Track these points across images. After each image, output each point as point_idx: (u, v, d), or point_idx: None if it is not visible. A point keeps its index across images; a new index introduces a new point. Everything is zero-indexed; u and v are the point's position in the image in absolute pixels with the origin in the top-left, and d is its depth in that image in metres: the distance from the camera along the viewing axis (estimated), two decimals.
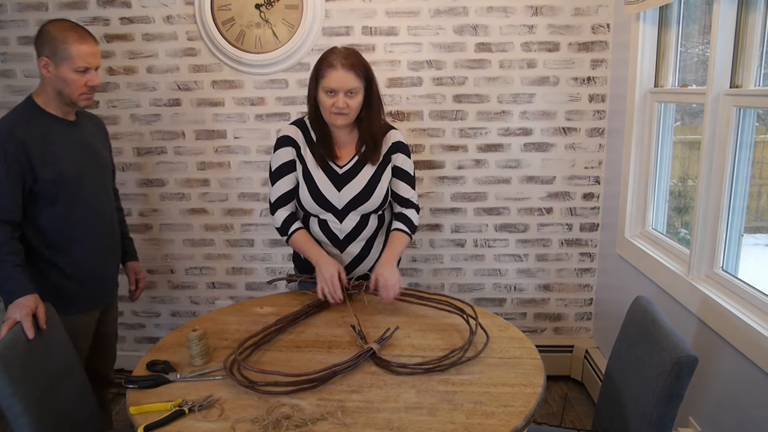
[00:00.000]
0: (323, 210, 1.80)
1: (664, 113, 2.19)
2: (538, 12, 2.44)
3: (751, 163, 1.70)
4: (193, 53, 2.55)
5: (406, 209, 1.88)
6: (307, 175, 1.79)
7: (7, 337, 1.37)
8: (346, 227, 1.82)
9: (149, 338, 2.91)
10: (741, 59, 1.67)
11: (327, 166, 1.80)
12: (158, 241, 2.77)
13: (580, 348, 2.73)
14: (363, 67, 1.70)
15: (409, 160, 1.88)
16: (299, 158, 1.81)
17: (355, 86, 1.68)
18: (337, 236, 1.83)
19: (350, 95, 1.68)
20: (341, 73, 1.65)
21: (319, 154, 1.78)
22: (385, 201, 1.84)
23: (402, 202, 1.89)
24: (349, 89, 1.67)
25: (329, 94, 1.68)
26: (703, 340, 1.76)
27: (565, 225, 2.67)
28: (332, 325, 1.66)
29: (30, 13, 2.53)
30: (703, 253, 1.82)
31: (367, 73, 1.71)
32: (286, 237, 1.83)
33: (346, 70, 1.65)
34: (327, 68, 1.66)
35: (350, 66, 1.66)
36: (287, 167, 1.81)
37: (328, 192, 1.78)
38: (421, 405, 1.24)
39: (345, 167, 1.80)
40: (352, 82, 1.66)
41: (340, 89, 1.66)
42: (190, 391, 1.32)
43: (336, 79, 1.65)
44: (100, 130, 1.94)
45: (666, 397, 1.28)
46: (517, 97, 2.54)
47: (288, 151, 1.81)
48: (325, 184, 1.78)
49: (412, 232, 1.86)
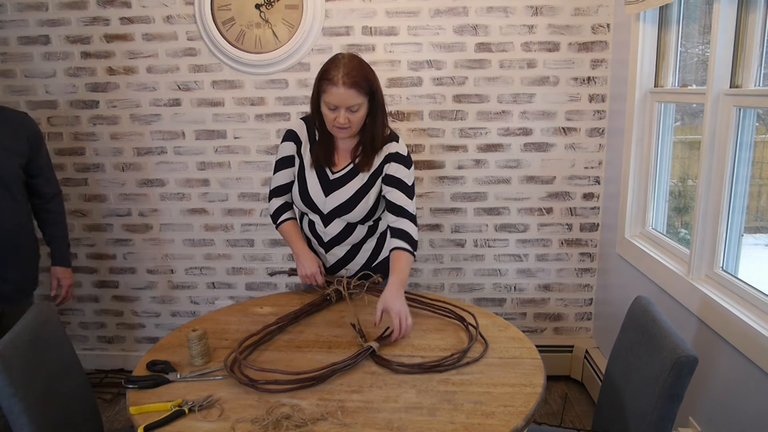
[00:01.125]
0: (310, 211, 1.83)
1: (664, 113, 2.19)
2: (538, 12, 2.45)
3: (751, 163, 1.70)
4: (193, 53, 2.55)
5: (401, 219, 1.74)
6: (301, 174, 1.82)
7: (7, 337, 1.37)
8: (331, 231, 1.84)
9: (149, 338, 2.91)
10: (741, 59, 1.67)
11: (321, 170, 1.80)
12: (158, 241, 2.78)
13: (580, 348, 2.73)
14: (366, 82, 1.64)
15: (405, 170, 1.77)
16: (299, 155, 1.83)
17: (358, 102, 1.63)
18: (323, 238, 1.86)
19: (352, 111, 1.64)
20: (342, 91, 1.60)
21: (315, 157, 1.79)
22: (372, 214, 1.81)
23: (395, 210, 1.75)
24: (350, 106, 1.63)
25: (331, 110, 1.65)
26: (703, 340, 1.76)
27: (565, 225, 2.67)
28: (332, 325, 1.66)
29: (30, 13, 2.53)
30: (703, 253, 1.82)
31: (371, 86, 1.66)
32: (276, 224, 1.89)
33: (348, 88, 1.60)
34: (328, 84, 1.61)
35: (351, 84, 1.60)
36: (287, 161, 1.85)
37: (316, 196, 1.79)
38: (421, 405, 1.24)
39: (337, 174, 1.79)
40: (354, 99, 1.62)
41: (342, 105, 1.62)
42: (190, 391, 1.32)
43: (337, 96, 1.61)
44: (16, 131, 1.89)
45: (666, 397, 1.28)
46: (517, 97, 2.54)
47: (290, 146, 1.84)
48: (315, 188, 1.79)
49: (414, 248, 1.72)
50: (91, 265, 2.82)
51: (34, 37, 2.56)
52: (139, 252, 2.80)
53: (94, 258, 2.81)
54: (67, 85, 2.61)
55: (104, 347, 2.94)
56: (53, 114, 2.65)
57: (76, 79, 2.60)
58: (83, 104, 2.63)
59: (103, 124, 2.65)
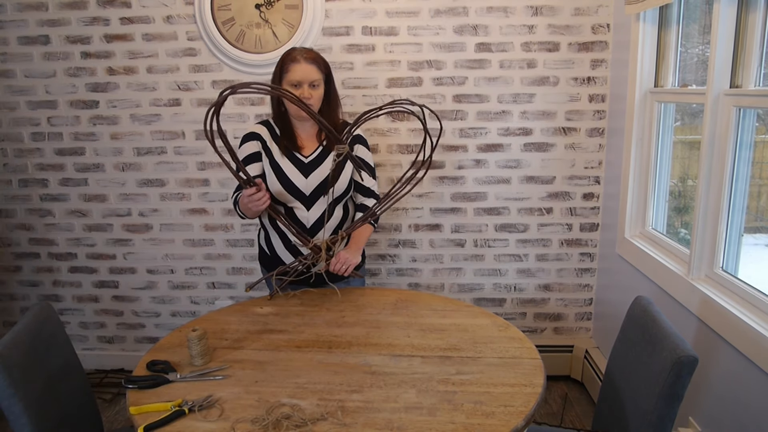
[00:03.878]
0: (292, 198, 1.88)
1: (664, 113, 2.19)
2: (538, 12, 2.45)
3: (751, 163, 1.69)
4: (193, 53, 2.55)
5: (367, 199, 2.00)
6: (274, 165, 1.88)
7: (7, 337, 1.37)
8: (312, 216, 1.89)
9: (149, 338, 2.91)
10: (741, 59, 1.67)
11: (292, 156, 1.89)
12: (158, 241, 2.78)
13: (580, 348, 2.73)
14: (323, 62, 1.86)
15: (368, 151, 2.01)
16: (265, 150, 1.90)
17: (317, 78, 1.82)
18: (305, 225, 1.90)
19: (313, 87, 1.82)
20: (304, 66, 1.80)
21: (283, 145, 1.89)
22: (349, 188, 1.95)
23: (364, 192, 2.00)
24: (312, 81, 1.81)
25: (294, 87, 1.81)
26: (703, 340, 1.76)
27: (565, 225, 2.67)
28: (332, 325, 1.66)
29: (30, 13, 2.53)
30: (703, 253, 1.82)
31: (326, 67, 1.88)
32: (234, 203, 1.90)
33: (309, 63, 1.81)
34: (291, 63, 1.81)
35: (312, 59, 1.82)
36: (253, 157, 1.90)
37: (296, 179, 1.87)
38: (421, 405, 1.24)
39: (310, 157, 1.91)
40: (314, 74, 1.81)
41: (304, 80, 1.80)
42: (190, 391, 1.32)
43: (300, 71, 1.79)
44: None
45: (666, 397, 1.28)
46: (517, 97, 2.54)
47: (253, 144, 1.91)
48: (293, 172, 1.87)
49: (376, 221, 2.01)
50: (91, 265, 2.82)
51: (34, 37, 2.56)
52: (139, 252, 2.80)
53: (94, 258, 2.81)
54: (67, 85, 2.61)
55: (104, 347, 2.94)
56: (53, 114, 2.65)
57: (76, 79, 2.60)
58: (83, 104, 2.63)
59: (103, 124, 2.65)
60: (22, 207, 2.77)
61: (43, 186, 2.74)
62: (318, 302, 1.83)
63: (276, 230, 1.94)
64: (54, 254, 2.82)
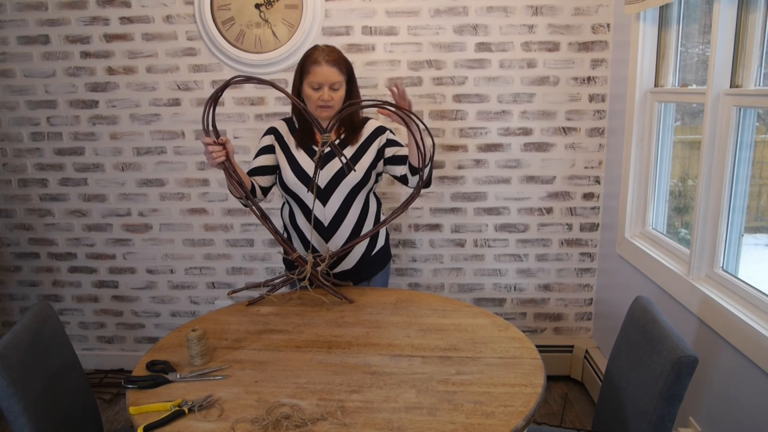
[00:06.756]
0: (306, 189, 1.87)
1: (664, 113, 2.19)
2: (538, 12, 2.44)
3: (751, 163, 1.69)
4: (193, 53, 2.55)
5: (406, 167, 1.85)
6: (289, 156, 1.89)
7: (7, 337, 1.37)
8: (329, 212, 1.87)
9: (149, 338, 2.91)
10: (741, 59, 1.67)
11: (309, 149, 1.89)
12: (158, 241, 2.78)
13: (580, 348, 2.73)
14: (345, 63, 1.83)
15: (393, 135, 1.94)
16: (281, 144, 1.92)
17: (338, 80, 1.80)
18: (323, 223, 1.88)
19: (334, 89, 1.80)
20: (325, 68, 1.77)
21: (300, 138, 1.90)
22: (367, 179, 1.89)
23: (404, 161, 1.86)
24: (332, 83, 1.79)
25: (315, 89, 1.79)
26: (703, 340, 1.76)
27: (565, 225, 2.67)
28: (332, 325, 1.66)
29: (30, 13, 2.53)
30: (703, 253, 1.82)
31: (349, 68, 1.85)
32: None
33: (330, 66, 1.78)
34: (312, 65, 1.78)
35: (333, 62, 1.78)
36: (264, 150, 1.93)
37: (311, 170, 1.87)
38: (421, 405, 1.24)
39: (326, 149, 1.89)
40: (335, 77, 1.79)
41: (325, 83, 1.78)
42: (190, 391, 1.32)
43: (321, 74, 1.77)
44: None
45: (666, 397, 1.28)
46: (517, 96, 2.54)
47: (269, 137, 1.94)
48: (308, 163, 1.88)
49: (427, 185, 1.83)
50: (91, 265, 2.82)
51: (34, 36, 2.56)
52: (139, 252, 2.80)
53: (94, 258, 2.81)
54: (67, 84, 2.61)
55: (104, 347, 2.94)
56: (53, 114, 2.65)
57: (76, 79, 2.60)
58: (83, 104, 2.63)
59: (102, 124, 2.65)
60: (22, 207, 2.77)
61: (43, 186, 2.74)
62: (318, 302, 1.82)
63: (295, 230, 1.95)
64: (54, 254, 2.82)
